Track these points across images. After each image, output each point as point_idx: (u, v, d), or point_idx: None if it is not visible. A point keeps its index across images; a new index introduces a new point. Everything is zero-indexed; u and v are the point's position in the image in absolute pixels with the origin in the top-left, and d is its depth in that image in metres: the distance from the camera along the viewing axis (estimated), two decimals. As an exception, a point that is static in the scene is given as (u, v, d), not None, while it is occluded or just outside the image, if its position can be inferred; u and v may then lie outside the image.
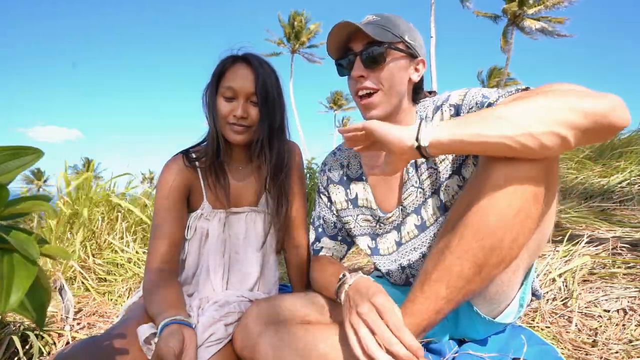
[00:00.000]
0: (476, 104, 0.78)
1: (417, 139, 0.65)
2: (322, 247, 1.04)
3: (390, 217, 0.97)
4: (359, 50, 0.85)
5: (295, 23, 29.10)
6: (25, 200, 0.35)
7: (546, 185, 0.63)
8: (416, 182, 0.92)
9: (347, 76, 0.92)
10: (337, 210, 1.05)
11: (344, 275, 0.81)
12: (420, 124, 0.66)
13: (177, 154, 1.06)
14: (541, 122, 0.57)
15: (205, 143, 1.07)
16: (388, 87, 0.85)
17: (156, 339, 0.76)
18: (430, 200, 0.91)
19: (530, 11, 21.57)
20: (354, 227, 1.03)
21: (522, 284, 0.79)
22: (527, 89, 0.72)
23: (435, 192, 0.91)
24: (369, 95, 0.86)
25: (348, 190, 1.03)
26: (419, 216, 0.93)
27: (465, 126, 0.62)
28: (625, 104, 0.58)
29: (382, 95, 0.85)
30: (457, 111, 0.83)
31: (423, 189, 0.92)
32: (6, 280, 0.29)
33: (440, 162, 0.88)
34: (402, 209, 0.95)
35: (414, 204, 0.93)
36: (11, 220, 0.35)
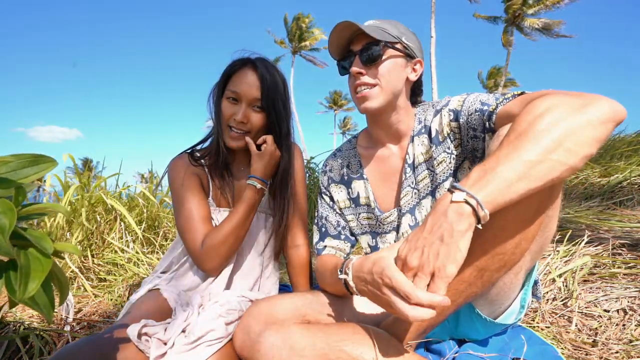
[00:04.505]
0: (475, 111, 0.80)
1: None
2: (325, 247, 1.04)
3: (388, 217, 0.98)
4: (358, 50, 0.89)
5: (296, 25, 29.08)
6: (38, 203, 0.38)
7: (550, 190, 0.63)
8: (412, 182, 0.93)
9: (348, 75, 0.94)
10: (340, 209, 1.06)
11: (342, 266, 0.81)
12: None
13: (181, 153, 1.06)
14: (573, 154, 0.56)
15: (209, 140, 1.08)
16: (385, 83, 0.88)
17: (146, 329, 0.77)
18: (424, 202, 0.93)
19: (530, 11, 21.62)
20: (356, 225, 1.04)
21: (523, 285, 0.79)
22: (522, 93, 0.73)
23: (430, 193, 0.92)
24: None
25: (350, 190, 1.03)
26: (413, 216, 0.94)
27: (509, 187, 0.56)
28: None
29: (379, 90, 0.89)
30: (456, 116, 0.85)
31: (418, 190, 0.93)
32: (24, 270, 0.32)
33: (438, 165, 0.89)
34: (399, 210, 0.95)
35: (409, 204, 0.94)
36: (28, 220, 0.38)
